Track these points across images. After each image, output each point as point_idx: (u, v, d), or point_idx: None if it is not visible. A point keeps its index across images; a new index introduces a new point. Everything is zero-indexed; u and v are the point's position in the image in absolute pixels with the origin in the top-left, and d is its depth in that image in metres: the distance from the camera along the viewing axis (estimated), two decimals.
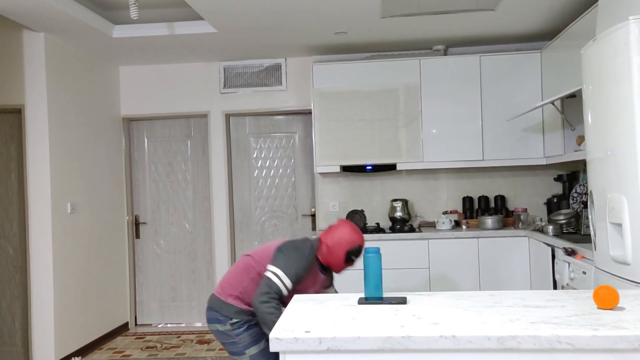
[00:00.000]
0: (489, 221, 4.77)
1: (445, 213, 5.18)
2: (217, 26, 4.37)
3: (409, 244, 4.65)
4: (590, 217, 2.92)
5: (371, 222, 5.34)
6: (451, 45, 5.23)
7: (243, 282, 2.68)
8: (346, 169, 5.02)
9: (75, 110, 4.79)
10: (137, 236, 5.74)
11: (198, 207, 5.69)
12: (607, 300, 1.74)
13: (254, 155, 5.64)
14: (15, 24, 4.36)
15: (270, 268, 2.57)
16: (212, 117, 5.56)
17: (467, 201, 5.14)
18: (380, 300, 1.98)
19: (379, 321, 1.72)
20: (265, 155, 5.63)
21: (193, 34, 4.56)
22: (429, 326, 1.63)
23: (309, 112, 5.52)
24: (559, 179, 4.87)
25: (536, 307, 1.82)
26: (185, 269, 5.69)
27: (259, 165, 5.63)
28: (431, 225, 5.18)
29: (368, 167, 4.98)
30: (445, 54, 5.24)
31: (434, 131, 4.93)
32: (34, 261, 4.35)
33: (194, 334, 5.32)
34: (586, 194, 4.38)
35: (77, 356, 4.61)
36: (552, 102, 4.09)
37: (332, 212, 5.39)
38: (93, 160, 5.05)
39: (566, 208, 4.53)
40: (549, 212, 4.70)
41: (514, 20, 4.47)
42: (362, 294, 2.14)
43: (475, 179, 5.28)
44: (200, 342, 5.00)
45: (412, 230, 4.82)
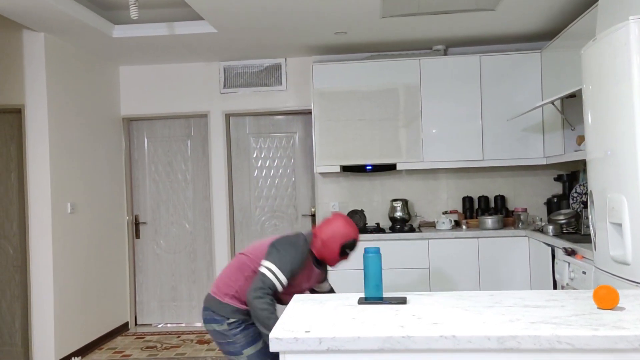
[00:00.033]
0: (489, 221, 4.77)
1: (445, 213, 5.18)
2: (217, 26, 4.37)
3: (409, 244, 4.66)
4: (590, 217, 2.92)
5: (371, 222, 5.35)
6: (451, 45, 5.23)
7: (238, 281, 2.66)
8: (346, 169, 5.02)
9: (75, 110, 4.79)
10: (137, 236, 5.74)
11: (198, 207, 5.69)
12: (607, 300, 1.74)
13: (254, 155, 5.64)
14: (15, 24, 4.36)
15: (264, 264, 2.55)
16: (212, 117, 5.56)
17: (467, 201, 5.14)
18: (380, 300, 1.98)
19: (379, 321, 1.72)
20: (265, 155, 5.63)
21: (193, 34, 4.57)
22: (429, 326, 1.63)
23: (309, 112, 5.52)
24: (559, 179, 4.87)
25: (536, 307, 1.82)
26: (185, 269, 5.69)
27: (259, 165, 5.63)
28: (431, 225, 5.18)
29: (368, 167, 4.98)
30: (445, 54, 5.24)
31: (434, 131, 4.93)
32: (34, 261, 4.35)
33: (194, 334, 5.32)
34: (586, 194, 4.38)
35: (77, 356, 4.61)
36: (552, 102, 4.09)
37: (332, 212, 5.39)
38: (93, 160, 5.05)
39: (566, 208, 4.53)
40: (549, 212, 4.70)
41: (514, 20, 4.47)
42: (362, 294, 2.14)
43: (475, 179, 5.28)
44: (200, 342, 5.00)
45: (412, 230, 4.82)
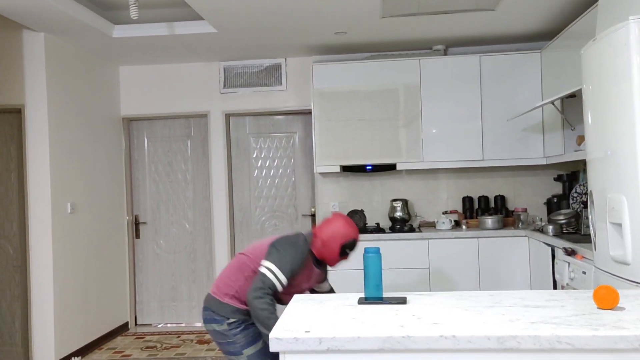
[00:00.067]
0: (489, 221, 4.77)
1: (445, 213, 5.17)
2: (217, 26, 4.37)
3: (408, 243, 4.65)
4: (590, 217, 2.92)
5: (371, 222, 5.34)
6: (451, 45, 5.23)
7: (238, 281, 2.66)
8: (346, 169, 5.02)
9: (75, 110, 4.79)
10: (137, 236, 5.74)
11: (198, 207, 5.69)
12: (607, 300, 1.74)
13: (254, 155, 5.64)
14: (15, 24, 4.36)
15: (265, 264, 2.55)
16: (212, 117, 5.56)
17: (467, 201, 5.14)
18: (380, 300, 1.98)
19: (379, 321, 1.72)
20: (265, 155, 5.63)
21: (193, 34, 4.57)
22: (429, 326, 1.63)
23: (309, 112, 5.52)
24: (559, 179, 4.87)
25: (536, 307, 1.82)
26: (185, 269, 5.69)
27: (259, 165, 5.63)
28: (431, 225, 5.18)
29: (368, 167, 4.98)
30: (445, 54, 5.24)
31: (434, 131, 4.93)
32: (34, 261, 4.35)
33: (194, 334, 5.32)
34: (586, 194, 4.38)
35: (77, 356, 4.61)
36: (552, 102, 4.09)
37: (332, 212, 5.39)
38: (93, 160, 5.05)
39: (566, 208, 4.53)
40: (549, 212, 4.70)
41: (514, 20, 4.47)
42: (362, 294, 2.14)
43: (475, 179, 5.28)
44: (200, 342, 5.00)
45: (412, 230, 4.82)
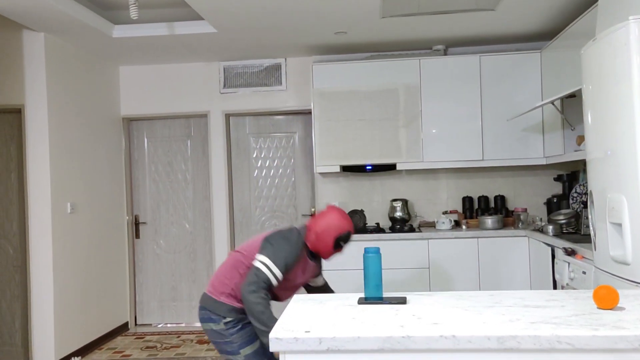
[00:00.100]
0: (489, 221, 4.77)
1: (445, 213, 5.17)
2: (217, 26, 4.37)
3: (408, 243, 4.65)
4: (590, 217, 2.92)
5: (371, 222, 5.34)
6: (451, 45, 5.23)
7: (234, 279, 2.64)
8: (346, 169, 5.02)
9: (75, 110, 4.79)
10: (137, 236, 5.74)
11: (198, 207, 5.69)
12: (607, 300, 1.74)
13: (254, 155, 5.64)
14: (15, 24, 4.36)
15: (259, 258, 2.54)
16: (212, 117, 5.56)
17: (467, 201, 5.14)
18: (380, 300, 1.98)
19: (379, 321, 1.72)
20: (265, 155, 5.63)
21: (193, 34, 4.57)
22: (429, 326, 1.63)
23: (309, 112, 5.52)
24: (558, 179, 4.87)
25: (536, 307, 1.82)
26: (185, 269, 5.69)
27: (259, 165, 5.63)
28: (431, 225, 5.18)
29: (368, 167, 4.98)
30: (445, 54, 5.24)
31: (434, 131, 4.93)
32: (34, 261, 4.35)
33: (194, 334, 5.32)
34: (586, 194, 4.38)
35: (77, 356, 4.61)
36: (552, 102, 4.09)
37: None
38: (93, 160, 5.05)
39: (566, 208, 4.53)
40: (549, 212, 4.70)
41: (514, 20, 4.47)
42: (362, 294, 2.14)
43: (475, 178, 5.28)
44: (200, 342, 5.00)
45: (412, 230, 4.82)
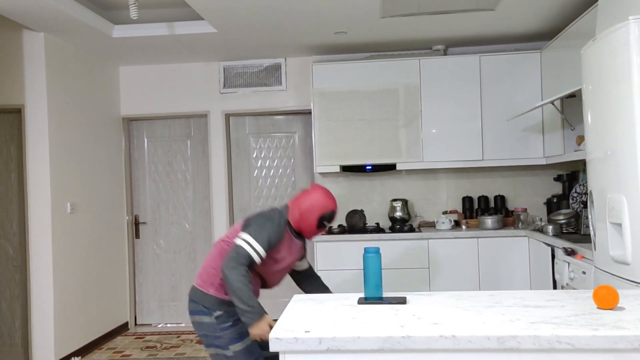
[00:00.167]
0: (489, 221, 4.77)
1: (445, 213, 5.17)
2: (217, 26, 4.37)
3: (408, 243, 4.65)
4: (590, 217, 2.92)
5: (371, 222, 5.34)
6: (451, 45, 5.23)
7: (220, 268, 2.56)
8: (346, 168, 5.02)
9: (75, 110, 4.79)
10: (137, 236, 5.74)
11: (198, 207, 5.69)
12: (607, 300, 1.74)
13: (254, 155, 5.64)
14: (15, 24, 4.36)
15: (240, 235, 2.51)
16: (212, 117, 5.56)
17: (467, 201, 5.14)
18: (380, 300, 1.98)
19: (379, 321, 1.72)
20: (265, 155, 5.63)
21: (193, 34, 4.57)
22: (429, 326, 1.63)
23: (308, 112, 5.52)
24: (558, 179, 4.87)
25: (536, 307, 1.82)
26: (185, 269, 5.69)
27: (258, 165, 5.63)
28: (431, 225, 5.18)
29: (368, 167, 4.98)
30: (445, 54, 5.24)
31: (433, 131, 4.93)
32: (34, 261, 4.35)
33: (193, 333, 5.32)
34: (586, 193, 4.38)
35: (77, 356, 4.61)
36: (552, 102, 4.09)
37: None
38: (93, 160, 5.05)
39: (566, 208, 4.53)
40: (549, 212, 4.70)
41: (514, 20, 4.47)
42: (362, 294, 2.14)
43: (475, 178, 5.28)
44: (200, 342, 5.00)
45: (411, 230, 4.82)
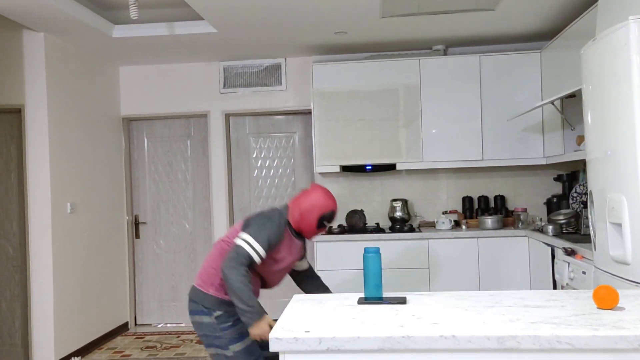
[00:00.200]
0: (489, 221, 4.77)
1: (445, 213, 5.17)
2: (217, 26, 4.37)
3: (408, 243, 4.65)
4: (590, 217, 2.92)
5: (371, 222, 5.34)
6: (451, 45, 5.23)
7: (220, 268, 2.56)
8: (346, 168, 5.02)
9: (75, 110, 4.79)
10: (137, 236, 5.74)
11: (198, 207, 5.69)
12: (607, 300, 1.74)
13: (254, 155, 5.64)
14: (15, 24, 4.36)
15: (240, 235, 2.51)
16: (212, 117, 5.56)
17: (467, 201, 5.14)
18: (380, 300, 1.98)
19: (379, 321, 1.72)
20: (265, 155, 5.63)
21: (193, 34, 4.56)
22: (429, 326, 1.63)
23: (308, 112, 5.52)
24: (558, 179, 4.87)
25: (536, 307, 1.82)
26: (185, 269, 5.69)
27: (258, 165, 5.63)
28: (431, 225, 5.18)
29: (368, 167, 4.98)
30: (445, 54, 5.24)
31: (433, 131, 4.93)
32: (34, 261, 4.35)
33: (193, 333, 5.32)
34: (586, 193, 4.38)
35: (77, 356, 4.61)
36: (552, 102, 4.09)
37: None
38: (93, 160, 5.05)
39: (566, 208, 4.53)
40: (549, 212, 4.70)
41: (514, 20, 4.47)
42: (362, 294, 2.14)
43: (475, 178, 5.28)
44: (200, 342, 5.00)
45: (411, 230, 4.82)
